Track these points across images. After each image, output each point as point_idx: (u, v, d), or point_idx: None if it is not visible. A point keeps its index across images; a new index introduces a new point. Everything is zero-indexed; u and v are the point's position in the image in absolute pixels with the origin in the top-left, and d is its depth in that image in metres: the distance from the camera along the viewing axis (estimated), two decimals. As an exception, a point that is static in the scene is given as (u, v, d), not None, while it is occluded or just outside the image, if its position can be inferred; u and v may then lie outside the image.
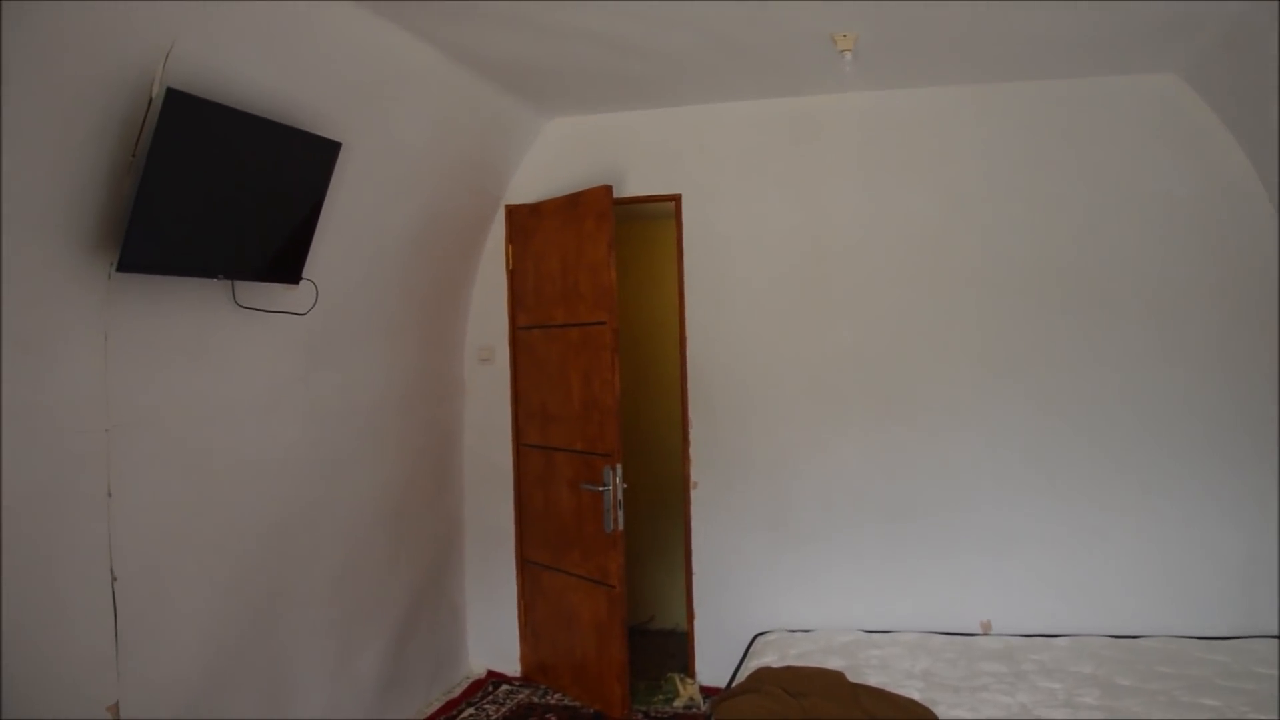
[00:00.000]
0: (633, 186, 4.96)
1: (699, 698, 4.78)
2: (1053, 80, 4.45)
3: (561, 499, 4.85)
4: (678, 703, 4.76)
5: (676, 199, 4.95)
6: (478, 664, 5.27)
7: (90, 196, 2.66)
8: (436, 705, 4.76)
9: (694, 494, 4.96)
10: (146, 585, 2.99)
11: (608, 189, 4.54)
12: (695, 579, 4.95)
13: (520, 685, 5.07)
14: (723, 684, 4.69)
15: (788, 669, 3.94)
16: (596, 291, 4.57)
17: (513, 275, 5.13)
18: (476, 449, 5.26)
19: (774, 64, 4.21)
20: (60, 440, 2.70)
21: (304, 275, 3.45)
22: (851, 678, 3.84)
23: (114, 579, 2.86)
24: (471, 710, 4.74)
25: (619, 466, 4.47)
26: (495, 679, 5.15)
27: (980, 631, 4.57)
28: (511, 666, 5.21)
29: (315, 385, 3.87)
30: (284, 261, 3.35)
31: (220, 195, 2.92)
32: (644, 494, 5.72)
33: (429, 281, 4.68)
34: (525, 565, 5.14)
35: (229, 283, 3.22)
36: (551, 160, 5.09)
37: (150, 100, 2.70)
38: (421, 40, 3.73)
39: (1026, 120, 4.55)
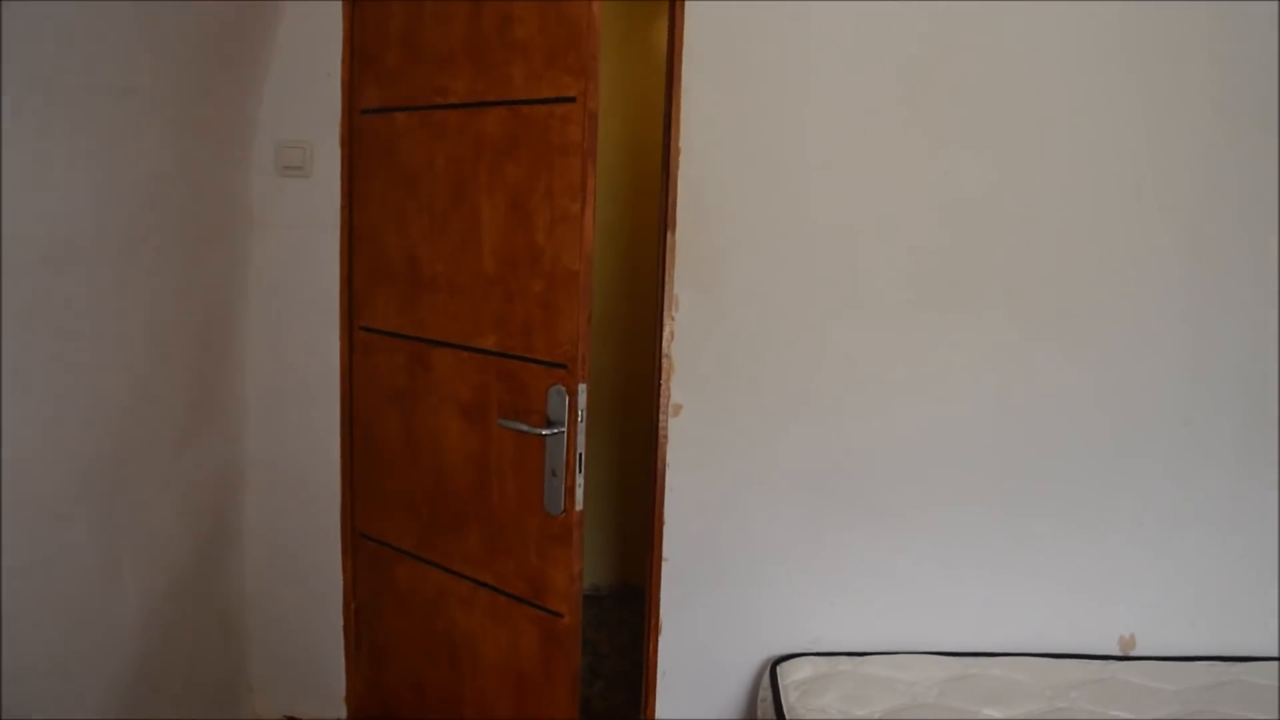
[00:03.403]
0: None
1: (676, 776, 2.79)
2: None
3: (447, 436, 2.58)
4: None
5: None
6: (268, 706, 3.02)
7: None
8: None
9: (673, 424, 2.83)
10: None
11: None
12: (666, 565, 2.87)
13: (350, 750, 2.89)
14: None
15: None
16: (555, 34, 2.23)
17: (356, 10, 2.71)
18: (273, 333, 2.87)
19: None
20: None
21: None
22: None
23: None
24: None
25: (584, 389, 2.27)
26: (302, 735, 2.95)
27: (1119, 652, 2.83)
28: (332, 709, 2.99)
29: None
30: None
31: None
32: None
33: (185, 20, 2.19)
34: (359, 542, 2.89)
35: None
36: None
37: None
38: None
39: None
